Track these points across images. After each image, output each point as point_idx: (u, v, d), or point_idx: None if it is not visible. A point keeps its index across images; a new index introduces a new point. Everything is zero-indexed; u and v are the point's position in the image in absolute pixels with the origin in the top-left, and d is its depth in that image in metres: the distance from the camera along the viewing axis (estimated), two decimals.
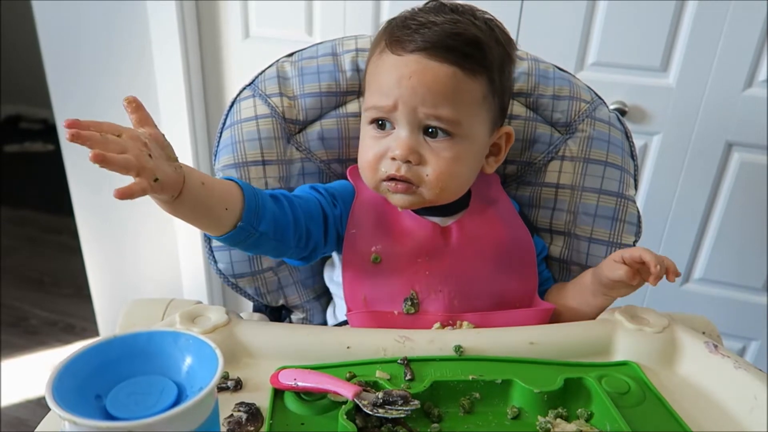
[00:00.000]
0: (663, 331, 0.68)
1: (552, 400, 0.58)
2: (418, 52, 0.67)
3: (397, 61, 0.69)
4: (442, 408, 0.57)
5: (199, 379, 0.42)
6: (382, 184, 0.72)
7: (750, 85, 1.21)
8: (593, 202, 0.84)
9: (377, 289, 0.74)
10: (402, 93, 0.68)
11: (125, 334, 0.44)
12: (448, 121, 0.68)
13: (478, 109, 0.71)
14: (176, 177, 0.55)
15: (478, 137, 0.73)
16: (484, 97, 0.71)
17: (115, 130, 0.52)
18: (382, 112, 0.70)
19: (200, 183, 0.59)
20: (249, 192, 0.65)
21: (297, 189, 0.79)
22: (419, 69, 0.67)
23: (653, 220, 1.36)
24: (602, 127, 0.86)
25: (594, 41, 1.26)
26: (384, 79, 0.70)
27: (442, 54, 0.67)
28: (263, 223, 0.65)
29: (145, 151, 0.52)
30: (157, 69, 1.48)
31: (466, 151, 0.71)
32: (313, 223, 0.73)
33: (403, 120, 0.69)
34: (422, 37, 0.67)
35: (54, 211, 2.85)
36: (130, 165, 0.50)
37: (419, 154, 0.70)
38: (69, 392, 0.39)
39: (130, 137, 0.52)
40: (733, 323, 1.42)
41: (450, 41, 0.67)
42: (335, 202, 0.77)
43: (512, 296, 0.77)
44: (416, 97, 0.67)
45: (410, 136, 0.69)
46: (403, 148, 0.69)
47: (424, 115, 0.68)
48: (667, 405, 0.58)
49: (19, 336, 2.07)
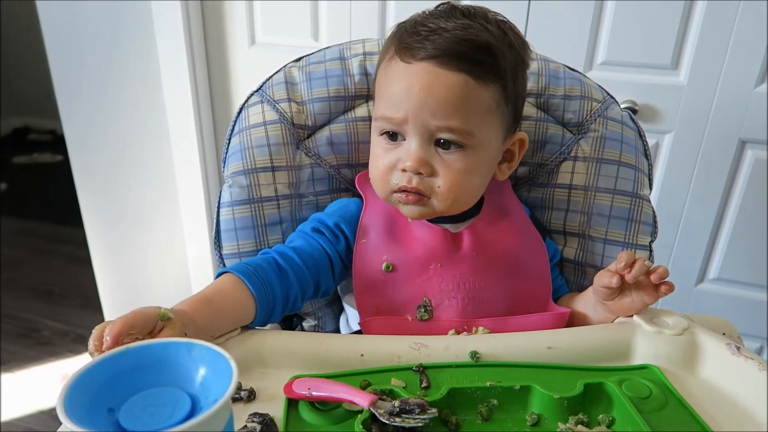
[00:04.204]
0: (683, 334, 0.66)
1: (572, 406, 0.56)
2: (427, 60, 0.66)
3: (406, 70, 0.67)
4: (459, 416, 0.56)
5: (214, 391, 0.41)
6: (393, 195, 0.71)
7: (762, 82, 1.19)
8: (607, 203, 0.83)
9: (390, 297, 0.73)
10: (412, 105, 0.66)
11: (138, 345, 0.43)
12: (459, 132, 0.67)
13: (491, 118, 0.69)
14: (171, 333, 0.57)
15: (490, 146, 0.71)
16: (496, 105, 0.69)
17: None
18: (393, 124, 0.69)
19: (209, 323, 0.61)
20: (261, 303, 0.67)
21: (299, 231, 0.78)
22: (429, 79, 0.65)
23: (666, 220, 1.34)
24: (615, 126, 0.85)
25: (603, 40, 1.24)
26: (394, 88, 0.68)
27: (452, 62, 0.65)
28: (274, 316, 0.70)
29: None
30: (164, 77, 1.49)
31: (478, 162, 0.70)
32: (321, 275, 0.74)
33: (413, 132, 0.68)
34: (432, 45, 0.65)
35: (63, 222, 2.87)
36: None
37: (430, 165, 0.68)
38: (81, 406, 0.38)
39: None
40: (750, 323, 1.39)
41: (460, 48, 0.65)
42: (339, 233, 0.76)
43: (526, 301, 0.76)
44: (426, 109, 0.66)
45: (421, 148, 0.68)
46: (414, 160, 0.68)
47: (435, 128, 0.67)
48: (690, 409, 0.56)
49: (31, 347, 2.08)
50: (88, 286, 1.90)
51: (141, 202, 1.69)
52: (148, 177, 1.64)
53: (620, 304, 0.69)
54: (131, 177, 1.66)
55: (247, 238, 0.80)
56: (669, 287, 0.66)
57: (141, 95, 1.52)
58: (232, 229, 0.80)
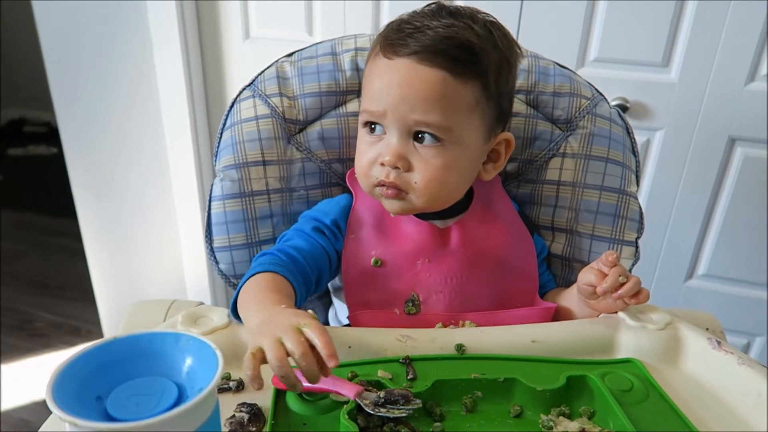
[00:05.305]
0: (666, 328, 0.67)
1: (554, 398, 0.58)
2: (407, 56, 0.67)
3: (388, 66, 0.68)
4: (444, 407, 0.57)
5: (200, 380, 0.42)
6: (375, 189, 0.72)
7: (752, 80, 1.20)
8: (595, 199, 0.84)
9: (378, 291, 0.74)
10: (391, 100, 0.67)
11: (126, 336, 0.44)
12: (437, 126, 0.68)
13: (471, 115, 0.70)
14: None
15: (470, 144, 0.71)
16: (476, 103, 0.69)
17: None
18: (374, 116, 0.70)
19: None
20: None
21: (298, 230, 0.77)
22: (408, 74, 0.67)
23: (656, 216, 1.35)
24: (603, 123, 0.86)
25: (595, 37, 1.25)
26: (375, 83, 0.70)
27: (431, 58, 0.66)
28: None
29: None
30: (158, 70, 1.49)
31: (457, 158, 0.70)
32: (321, 274, 0.75)
33: (392, 126, 0.69)
34: (414, 41, 0.66)
35: (58, 214, 2.86)
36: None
37: (407, 160, 0.69)
38: (70, 394, 0.39)
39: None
40: (738, 319, 1.41)
41: (440, 45, 0.66)
42: (337, 230, 0.77)
43: (513, 297, 0.77)
44: (405, 104, 0.67)
45: (399, 142, 0.69)
46: (391, 154, 0.69)
47: (413, 122, 0.68)
48: (670, 402, 0.58)
49: (25, 339, 2.08)
50: (83, 278, 1.91)
51: (135, 196, 1.69)
52: (143, 170, 1.65)
53: (603, 302, 0.70)
54: (126, 170, 1.66)
55: (237, 232, 0.80)
56: (638, 300, 0.67)
57: (136, 89, 1.53)
58: (223, 222, 0.80)
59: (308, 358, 0.50)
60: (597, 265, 0.69)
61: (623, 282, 0.66)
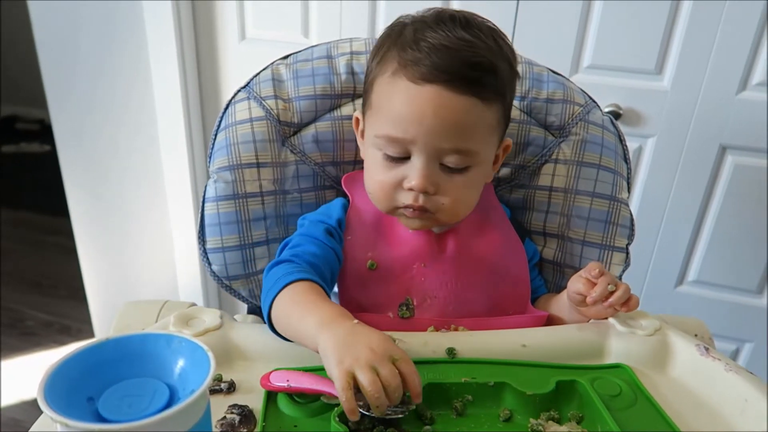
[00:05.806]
0: (655, 334, 0.68)
1: (544, 403, 0.58)
2: (437, 84, 0.65)
3: (416, 93, 0.66)
4: (434, 410, 0.57)
5: (192, 382, 0.42)
6: (398, 210, 0.73)
7: (744, 89, 1.21)
8: (586, 205, 0.85)
9: (372, 294, 0.75)
10: (424, 130, 0.66)
11: (118, 337, 0.44)
12: (466, 152, 0.68)
13: (492, 135, 0.72)
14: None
15: (489, 159, 0.74)
16: (497, 123, 0.71)
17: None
18: (398, 143, 0.68)
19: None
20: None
21: (308, 236, 0.74)
22: (442, 104, 0.65)
23: (648, 223, 1.36)
24: (595, 130, 0.86)
25: (589, 44, 1.26)
26: (400, 109, 0.67)
27: (462, 86, 0.65)
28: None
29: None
30: (154, 70, 1.49)
31: (479, 176, 0.73)
32: (334, 278, 0.74)
33: (420, 152, 0.68)
34: (440, 66, 0.65)
35: (51, 213, 2.85)
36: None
37: (437, 184, 0.69)
38: (61, 394, 0.39)
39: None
40: (727, 325, 1.42)
41: (470, 73, 0.65)
42: (341, 231, 0.77)
43: (506, 303, 0.78)
44: (436, 134, 0.66)
45: (427, 167, 0.68)
46: (420, 180, 0.68)
47: (444, 150, 0.68)
48: (658, 407, 0.58)
49: (16, 337, 2.07)
50: (75, 277, 1.90)
51: (128, 195, 1.69)
52: (136, 170, 1.64)
53: (593, 309, 0.71)
54: (119, 170, 1.66)
55: (231, 233, 0.80)
56: (628, 308, 0.68)
57: (130, 88, 1.52)
58: (216, 223, 0.80)
59: (399, 393, 0.52)
60: (585, 273, 0.70)
61: (612, 291, 0.67)
